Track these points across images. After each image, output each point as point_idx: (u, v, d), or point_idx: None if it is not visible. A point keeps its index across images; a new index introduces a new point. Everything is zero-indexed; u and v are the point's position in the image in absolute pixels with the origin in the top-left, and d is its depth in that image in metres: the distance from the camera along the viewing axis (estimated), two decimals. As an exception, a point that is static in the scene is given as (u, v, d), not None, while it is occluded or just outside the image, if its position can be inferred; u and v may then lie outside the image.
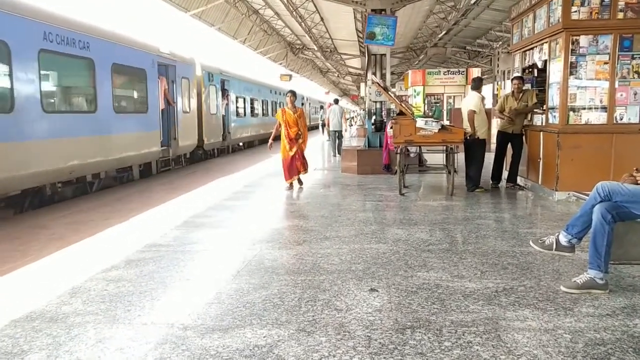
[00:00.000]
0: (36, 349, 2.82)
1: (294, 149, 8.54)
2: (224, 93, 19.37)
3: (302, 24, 19.39)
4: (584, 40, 6.71)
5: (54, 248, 5.29)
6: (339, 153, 14.69)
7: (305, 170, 8.91)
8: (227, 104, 19.69)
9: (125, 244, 5.07)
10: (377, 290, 3.64)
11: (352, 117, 27.28)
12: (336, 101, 17.46)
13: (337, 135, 16.18)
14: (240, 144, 23.17)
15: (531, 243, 4.10)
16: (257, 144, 25.50)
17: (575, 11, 6.64)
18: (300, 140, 8.64)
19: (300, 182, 8.92)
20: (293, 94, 8.63)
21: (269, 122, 25.32)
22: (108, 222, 6.76)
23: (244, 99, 22.98)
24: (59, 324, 3.15)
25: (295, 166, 8.62)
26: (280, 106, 20.37)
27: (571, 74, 6.78)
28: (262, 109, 26.43)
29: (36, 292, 3.75)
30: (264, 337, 2.90)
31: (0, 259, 5.74)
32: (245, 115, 23.11)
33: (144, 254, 4.61)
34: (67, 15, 9.44)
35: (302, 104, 32.06)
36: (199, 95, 16.26)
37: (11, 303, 3.58)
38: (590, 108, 6.83)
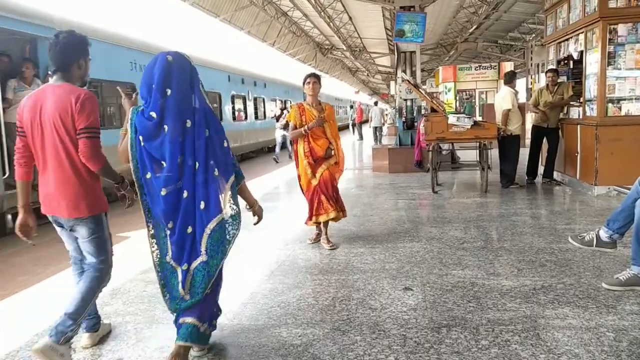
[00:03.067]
0: (80, 348, 2.92)
1: (319, 174, 4.81)
2: None
3: (331, 24, 19.40)
4: (622, 28, 6.50)
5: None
6: (380, 143, 19.00)
7: (342, 212, 5.03)
8: None
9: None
10: (411, 289, 3.61)
11: (388, 114, 28.33)
12: (376, 103, 23.66)
13: (378, 130, 21.04)
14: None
15: (570, 239, 3.99)
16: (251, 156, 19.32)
17: (613, -1, 6.44)
18: (333, 161, 4.93)
19: (328, 241, 4.92)
20: (317, 78, 4.89)
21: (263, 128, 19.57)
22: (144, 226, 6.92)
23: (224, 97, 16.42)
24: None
25: (321, 203, 4.84)
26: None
27: (609, 64, 6.57)
28: (257, 111, 19.33)
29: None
30: (299, 336, 2.92)
31: (48, 261, 5.96)
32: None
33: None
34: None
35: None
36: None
37: (57, 304, 3.70)
38: (630, 99, 6.60)
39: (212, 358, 2.73)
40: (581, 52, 7.32)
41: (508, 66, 20.67)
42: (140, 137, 2.52)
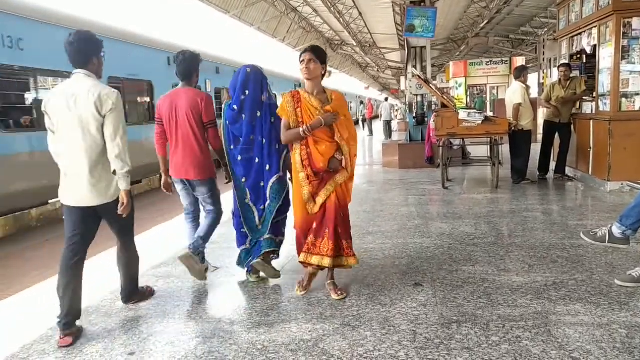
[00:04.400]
0: (93, 342, 2.96)
1: (321, 199, 3.49)
2: None
3: (341, 19, 19.34)
4: (636, 22, 6.40)
5: (106, 247, 5.51)
6: (390, 137, 20.46)
7: (349, 257, 3.52)
8: None
9: (173, 241, 5.22)
10: (421, 285, 3.61)
11: (398, 110, 29.01)
12: (386, 99, 25.72)
13: (389, 124, 21.90)
14: None
15: (582, 235, 3.95)
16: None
17: (627, -8, 6.35)
18: (343, 178, 3.52)
19: (335, 288, 3.53)
20: (315, 54, 3.43)
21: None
22: (157, 221, 6.98)
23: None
24: (113, 319, 3.29)
25: (320, 237, 3.48)
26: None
27: (623, 58, 6.49)
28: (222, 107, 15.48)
29: (92, 288, 3.92)
30: (309, 331, 2.93)
31: (57, 257, 6.03)
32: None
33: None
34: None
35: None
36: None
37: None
38: (644, 94, 6.51)
39: (259, 285, 2.75)
40: (594, 47, 7.23)
41: (519, 61, 20.48)
42: (227, 122, 3.70)
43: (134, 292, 3.53)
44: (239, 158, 3.69)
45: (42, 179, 7.30)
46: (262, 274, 3.90)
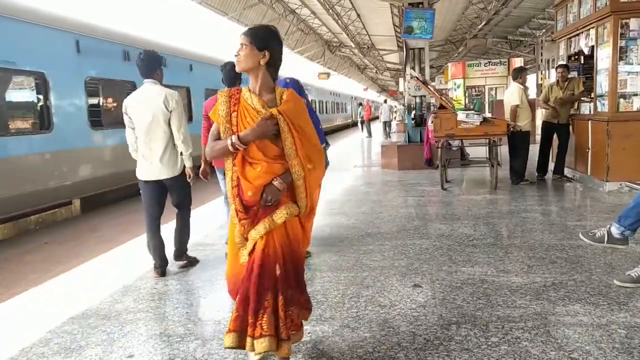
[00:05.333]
0: (92, 345, 2.95)
1: (253, 243, 2.39)
2: None
3: (339, 21, 19.36)
4: (634, 23, 6.43)
5: (104, 249, 5.51)
6: (389, 137, 21.93)
7: (290, 338, 2.37)
8: None
9: (172, 244, 5.21)
10: (420, 286, 3.61)
11: (397, 111, 29.53)
12: (385, 101, 28.50)
13: (387, 124, 23.41)
14: None
15: (581, 236, 3.95)
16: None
17: (624, -7, 6.37)
18: (285, 213, 2.41)
19: None
20: (252, 36, 2.38)
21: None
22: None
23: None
24: (112, 321, 3.29)
25: (251, 308, 2.30)
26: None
27: (621, 59, 6.51)
28: None
29: (90, 291, 3.92)
30: (309, 333, 2.93)
31: (59, 259, 6.02)
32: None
33: (189, 254, 4.72)
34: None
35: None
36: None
37: (68, 301, 3.75)
38: (642, 94, 6.53)
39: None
40: (592, 47, 7.25)
41: (518, 62, 20.51)
42: None
43: (183, 253, 4.44)
44: None
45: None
46: None
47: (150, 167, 4.07)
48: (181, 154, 4.11)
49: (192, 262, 4.49)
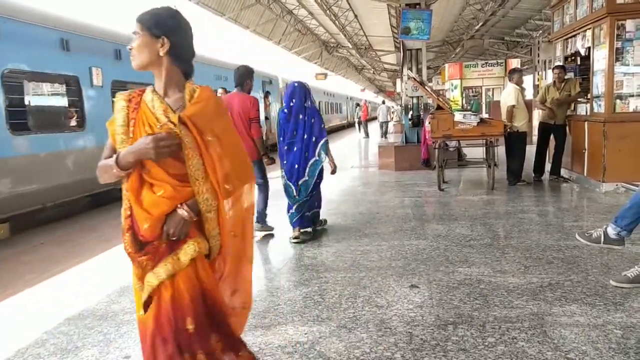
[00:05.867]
0: (89, 346, 2.94)
1: (146, 291, 1.78)
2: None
3: (336, 22, 19.36)
4: (630, 24, 6.44)
5: (103, 249, 5.51)
6: (386, 137, 22.39)
7: None
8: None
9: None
10: (417, 287, 3.61)
11: (394, 112, 29.91)
12: (383, 102, 29.13)
13: (385, 125, 23.83)
14: None
15: (577, 236, 3.97)
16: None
17: (620, -5, 6.39)
18: (187, 254, 1.77)
19: None
20: (147, 22, 1.80)
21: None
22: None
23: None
24: (108, 322, 3.28)
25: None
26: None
27: (617, 60, 6.53)
28: None
29: (87, 292, 3.91)
30: (306, 333, 2.93)
31: (56, 259, 6.00)
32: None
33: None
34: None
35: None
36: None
37: (64, 302, 3.74)
38: (638, 95, 6.55)
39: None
40: (588, 49, 7.27)
41: (514, 63, 20.55)
42: (280, 122, 5.10)
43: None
44: (285, 148, 5.08)
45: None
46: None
47: None
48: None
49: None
